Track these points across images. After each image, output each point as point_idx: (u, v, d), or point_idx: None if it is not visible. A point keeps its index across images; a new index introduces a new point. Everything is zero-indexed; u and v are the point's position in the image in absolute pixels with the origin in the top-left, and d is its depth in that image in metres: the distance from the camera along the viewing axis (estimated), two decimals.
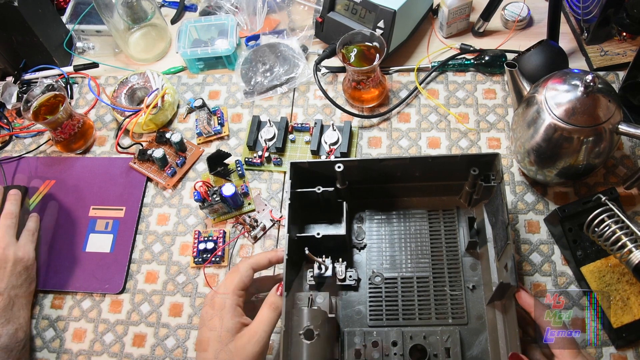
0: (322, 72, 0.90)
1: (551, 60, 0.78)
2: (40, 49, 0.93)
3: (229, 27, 0.92)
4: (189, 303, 0.74)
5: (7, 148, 0.91)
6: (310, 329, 0.60)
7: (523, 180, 0.78)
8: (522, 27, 0.91)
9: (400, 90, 0.88)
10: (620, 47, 0.85)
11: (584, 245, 0.68)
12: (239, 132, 0.87)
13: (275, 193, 0.81)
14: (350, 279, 0.70)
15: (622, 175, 0.76)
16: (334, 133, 0.82)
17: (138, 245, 0.79)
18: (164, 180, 0.83)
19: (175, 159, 0.84)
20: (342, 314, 0.69)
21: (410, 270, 0.71)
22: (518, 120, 0.71)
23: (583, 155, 0.66)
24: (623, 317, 0.65)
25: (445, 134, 0.83)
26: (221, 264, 0.76)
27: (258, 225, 0.78)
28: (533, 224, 0.74)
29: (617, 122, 0.64)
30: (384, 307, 0.68)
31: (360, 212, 0.76)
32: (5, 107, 0.94)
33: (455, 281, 0.69)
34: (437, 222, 0.74)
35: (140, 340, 0.73)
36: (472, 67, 0.87)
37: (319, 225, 0.74)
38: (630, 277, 0.66)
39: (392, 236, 0.73)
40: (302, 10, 0.97)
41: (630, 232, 0.61)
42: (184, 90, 0.92)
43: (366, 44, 0.81)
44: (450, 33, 0.92)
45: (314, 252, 0.66)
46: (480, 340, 0.65)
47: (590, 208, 0.66)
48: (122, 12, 0.92)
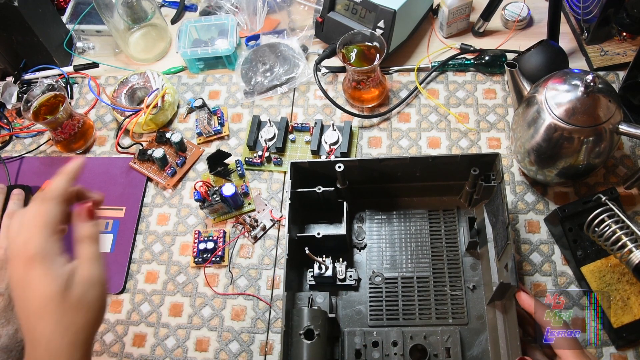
0: (322, 72, 0.90)
1: (551, 60, 0.78)
2: (40, 49, 0.93)
3: (229, 27, 0.92)
4: (189, 303, 0.74)
5: (7, 148, 0.91)
6: (310, 329, 0.61)
7: (523, 180, 0.78)
8: (522, 27, 0.91)
9: (401, 90, 0.88)
10: (620, 47, 0.85)
11: (584, 245, 0.68)
12: (239, 132, 0.87)
13: (276, 193, 0.81)
14: (351, 278, 0.70)
15: (622, 175, 0.76)
16: (334, 133, 0.82)
17: (138, 245, 0.79)
18: (164, 180, 0.83)
19: (175, 159, 0.84)
20: (342, 314, 0.69)
21: (411, 270, 0.71)
22: (518, 120, 0.71)
23: (583, 155, 0.66)
24: (623, 317, 0.65)
25: (446, 133, 0.83)
26: (221, 264, 0.76)
27: (258, 225, 0.78)
28: (533, 223, 0.74)
29: (617, 122, 0.64)
30: (384, 307, 0.68)
31: (361, 212, 0.76)
32: (6, 107, 0.94)
33: (456, 281, 0.69)
34: (438, 222, 0.74)
35: (140, 340, 0.73)
36: (472, 67, 0.87)
37: (319, 225, 0.74)
38: (630, 277, 0.66)
39: (392, 236, 0.73)
40: (302, 10, 0.97)
41: (631, 232, 0.61)
42: (184, 90, 0.92)
43: (366, 44, 0.81)
44: (451, 33, 0.92)
45: (315, 252, 0.66)
46: (481, 340, 0.65)
47: (590, 208, 0.66)
48: (122, 12, 0.92)
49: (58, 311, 0.44)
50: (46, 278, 0.44)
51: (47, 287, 0.44)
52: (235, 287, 0.74)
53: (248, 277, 0.75)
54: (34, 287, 0.44)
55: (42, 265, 0.45)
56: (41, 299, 0.44)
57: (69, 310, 0.45)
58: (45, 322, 0.44)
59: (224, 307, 0.73)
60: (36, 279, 0.44)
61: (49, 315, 0.44)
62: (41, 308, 0.44)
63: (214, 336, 0.72)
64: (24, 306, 0.45)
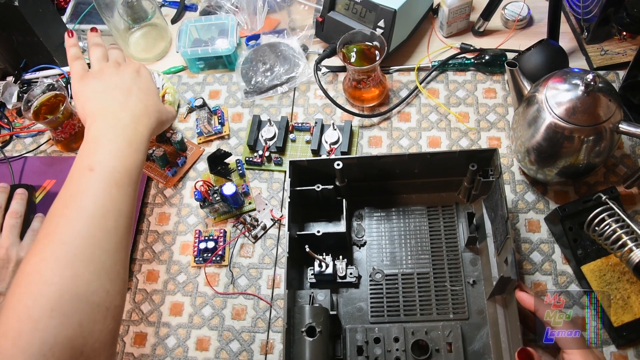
0: (323, 71, 0.90)
1: (551, 59, 0.78)
2: (40, 49, 0.93)
3: (230, 27, 0.92)
4: (189, 302, 0.74)
5: (8, 148, 0.91)
6: (312, 326, 0.61)
7: (523, 179, 0.78)
8: (522, 26, 0.91)
9: (401, 89, 0.88)
10: (620, 47, 0.85)
11: (585, 244, 0.68)
12: (240, 132, 0.87)
13: (276, 192, 0.81)
14: (351, 276, 0.70)
15: (622, 175, 0.76)
16: (335, 132, 0.82)
17: (139, 245, 0.79)
18: (164, 179, 0.83)
19: (176, 158, 0.84)
20: (343, 311, 0.69)
21: (411, 266, 0.71)
22: (518, 119, 0.71)
23: (583, 155, 0.66)
24: (623, 316, 0.65)
25: (446, 133, 0.83)
26: (222, 264, 0.76)
27: (258, 224, 0.78)
28: (533, 223, 0.74)
29: (618, 121, 0.64)
30: (385, 303, 0.69)
31: (360, 210, 0.76)
32: (6, 106, 0.94)
33: (456, 276, 0.69)
34: (437, 218, 0.74)
35: (141, 339, 0.73)
36: (473, 66, 0.87)
37: (319, 223, 0.75)
38: (630, 276, 0.66)
39: (391, 233, 0.73)
40: (302, 9, 0.97)
41: (631, 231, 0.61)
42: (184, 90, 0.93)
43: (366, 44, 0.81)
44: (451, 32, 0.92)
45: (315, 249, 0.67)
46: (482, 334, 0.66)
47: (590, 207, 0.66)
48: (122, 11, 0.92)
49: (159, 99, 0.72)
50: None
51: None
52: (236, 286, 0.74)
53: (248, 277, 0.75)
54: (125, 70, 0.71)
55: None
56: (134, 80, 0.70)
57: (161, 104, 0.72)
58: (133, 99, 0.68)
59: (225, 306, 0.73)
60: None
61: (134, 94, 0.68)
62: (150, 92, 0.71)
63: (214, 335, 0.72)
64: (115, 84, 0.68)
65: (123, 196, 0.58)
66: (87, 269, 0.52)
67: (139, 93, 0.68)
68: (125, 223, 0.58)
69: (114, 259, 0.55)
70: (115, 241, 0.56)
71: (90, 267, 0.52)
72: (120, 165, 0.59)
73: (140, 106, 0.67)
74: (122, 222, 0.57)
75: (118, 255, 0.56)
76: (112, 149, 0.61)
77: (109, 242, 0.55)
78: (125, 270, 0.57)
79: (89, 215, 0.55)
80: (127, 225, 0.58)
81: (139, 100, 0.67)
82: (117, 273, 0.55)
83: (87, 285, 0.51)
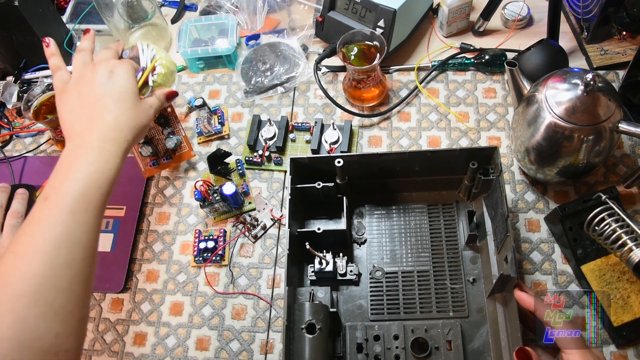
0: (323, 71, 0.90)
1: (551, 59, 0.78)
2: (40, 49, 0.91)
3: (229, 27, 0.92)
4: (189, 302, 0.74)
5: (8, 147, 0.91)
6: (312, 323, 0.61)
7: (523, 179, 0.78)
8: (522, 26, 0.92)
9: (401, 89, 0.88)
10: (620, 46, 0.85)
11: (584, 244, 0.68)
12: (240, 132, 0.87)
13: (276, 192, 0.81)
14: (351, 273, 0.70)
15: (622, 174, 0.76)
16: (335, 132, 0.82)
17: (139, 244, 0.79)
18: (143, 165, 0.81)
19: (164, 153, 0.81)
20: (343, 309, 0.69)
21: (411, 264, 0.71)
22: (518, 119, 0.71)
23: (583, 154, 0.66)
24: (623, 315, 0.65)
25: (446, 132, 0.83)
26: (221, 263, 0.76)
27: (258, 224, 0.78)
28: (533, 222, 0.74)
29: (617, 121, 0.64)
30: (385, 301, 0.69)
31: (360, 207, 0.76)
32: (6, 106, 0.94)
33: (456, 274, 0.70)
34: (437, 216, 0.74)
35: (140, 339, 0.73)
36: (472, 66, 0.88)
37: (319, 221, 0.75)
38: (630, 276, 0.66)
39: (392, 231, 0.74)
40: (302, 9, 0.97)
41: (631, 230, 0.61)
42: (184, 90, 0.93)
43: (366, 43, 0.81)
44: (451, 32, 0.92)
45: (315, 247, 0.67)
46: (481, 332, 0.66)
47: (590, 207, 0.66)
48: (122, 11, 0.92)
49: (133, 102, 0.65)
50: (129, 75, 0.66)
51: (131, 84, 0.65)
52: (236, 286, 0.74)
53: (248, 276, 0.75)
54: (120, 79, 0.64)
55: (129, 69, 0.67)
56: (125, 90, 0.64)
57: (137, 107, 0.65)
58: (123, 105, 0.63)
59: (225, 306, 0.73)
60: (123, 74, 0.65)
61: (128, 103, 0.64)
62: (122, 97, 0.63)
63: (214, 335, 0.72)
64: (107, 92, 0.63)
65: (79, 225, 0.53)
66: (32, 312, 0.47)
67: (109, 102, 0.62)
68: (83, 254, 0.52)
69: (66, 297, 0.50)
70: (69, 276, 0.50)
71: (35, 309, 0.47)
72: (76, 191, 0.54)
73: (109, 119, 0.61)
74: (78, 254, 0.52)
75: (72, 292, 0.50)
76: (69, 172, 0.56)
77: (60, 279, 0.50)
78: (82, 307, 0.52)
79: (38, 250, 0.50)
80: (86, 256, 0.53)
81: (108, 111, 0.61)
82: (69, 312, 0.50)
83: (32, 331, 0.47)
